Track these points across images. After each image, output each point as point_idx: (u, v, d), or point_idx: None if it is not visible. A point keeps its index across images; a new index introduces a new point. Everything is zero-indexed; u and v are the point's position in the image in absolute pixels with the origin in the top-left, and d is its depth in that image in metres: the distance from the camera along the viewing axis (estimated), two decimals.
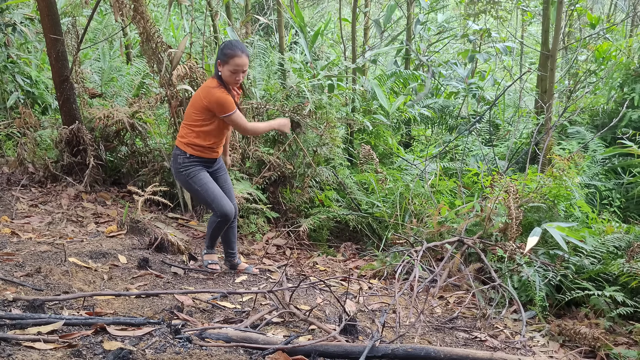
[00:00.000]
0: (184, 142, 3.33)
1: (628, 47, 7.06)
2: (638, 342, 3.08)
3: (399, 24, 9.85)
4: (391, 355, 2.36)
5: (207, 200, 3.36)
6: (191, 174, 3.32)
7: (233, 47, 3.20)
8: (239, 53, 3.18)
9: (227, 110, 3.22)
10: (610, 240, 3.71)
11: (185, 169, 3.33)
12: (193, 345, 2.25)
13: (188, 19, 8.32)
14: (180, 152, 3.33)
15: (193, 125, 3.30)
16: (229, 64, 3.19)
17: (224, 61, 3.20)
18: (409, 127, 7.54)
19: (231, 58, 3.18)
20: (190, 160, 3.32)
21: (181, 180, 3.42)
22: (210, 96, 3.20)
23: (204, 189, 3.33)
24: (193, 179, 3.33)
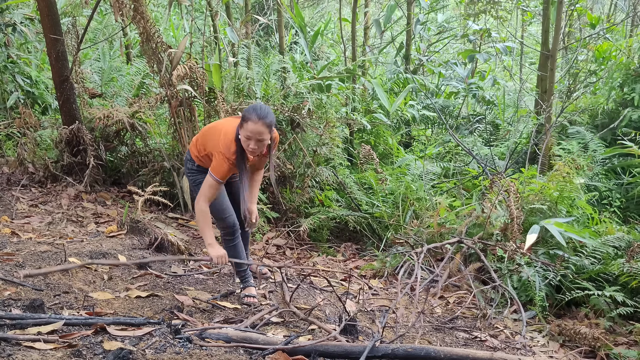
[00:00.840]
0: (194, 154, 3.14)
1: (628, 47, 7.06)
2: (638, 342, 3.08)
3: (399, 24, 9.85)
4: (391, 355, 2.36)
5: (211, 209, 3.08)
6: (197, 181, 3.14)
7: (251, 110, 2.82)
8: (254, 118, 2.77)
9: (215, 173, 2.91)
10: (610, 240, 3.71)
11: (192, 175, 3.19)
12: (193, 345, 2.25)
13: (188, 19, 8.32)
14: (190, 159, 3.17)
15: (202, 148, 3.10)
16: (243, 129, 2.82)
17: (241, 125, 2.84)
18: (409, 127, 7.54)
19: (246, 122, 2.80)
20: (197, 169, 3.16)
21: (190, 183, 3.29)
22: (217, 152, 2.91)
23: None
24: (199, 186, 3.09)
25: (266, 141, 2.86)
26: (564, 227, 3.55)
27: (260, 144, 2.84)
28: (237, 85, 5.34)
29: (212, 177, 2.91)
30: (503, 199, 4.03)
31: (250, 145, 2.82)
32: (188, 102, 4.80)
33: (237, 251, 3.27)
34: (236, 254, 3.25)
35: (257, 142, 2.82)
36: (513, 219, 3.79)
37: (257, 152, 2.89)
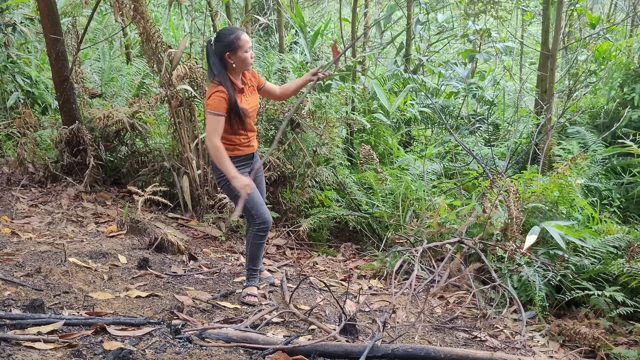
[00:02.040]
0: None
1: (628, 47, 7.06)
2: (638, 342, 3.08)
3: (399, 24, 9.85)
4: (391, 355, 2.36)
5: (247, 207, 3.06)
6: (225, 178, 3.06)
7: (231, 30, 3.01)
8: (238, 32, 2.97)
9: (215, 109, 2.94)
10: (610, 240, 3.71)
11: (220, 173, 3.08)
12: (193, 345, 2.25)
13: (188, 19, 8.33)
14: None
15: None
16: (239, 47, 2.96)
17: (233, 47, 2.95)
18: (409, 127, 7.54)
19: (238, 40, 2.95)
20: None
21: (222, 186, 3.16)
22: (210, 92, 2.98)
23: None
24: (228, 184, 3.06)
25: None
26: (564, 230, 3.56)
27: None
28: None
29: (214, 114, 2.94)
30: (503, 199, 4.03)
31: (251, 54, 3.03)
32: (188, 102, 4.80)
33: (261, 250, 3.29)
34: (259, 253, 3.27)
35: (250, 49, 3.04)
36: (513, 219, 3.79)
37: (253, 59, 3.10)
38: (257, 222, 3.16)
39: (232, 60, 2.99)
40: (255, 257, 3.27)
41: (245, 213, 3.14)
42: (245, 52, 2.99)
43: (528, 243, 3.52)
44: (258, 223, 3.16)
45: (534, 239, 3.53)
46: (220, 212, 4.76)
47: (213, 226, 4.70)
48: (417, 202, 4.92)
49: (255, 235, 3.20)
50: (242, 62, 3.01)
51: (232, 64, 3.00)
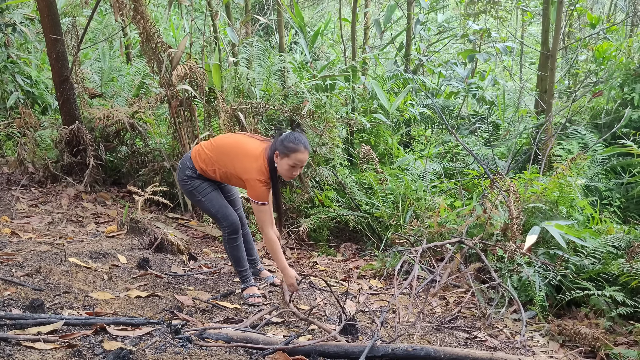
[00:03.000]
0: (199, 161, 3.14)
1: (628, 47, 7.06)
2: (638, 342, 3.08)
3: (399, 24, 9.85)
4: (391, 355, 2.36)
5: (212, 211, 3.19)
6: (195, 185, 3.18)
7: (297, 141, 2.95)
8: (302, 149, 2.94)
9: (261, 199, 3.00)
10: (610, 240, 3.71)
11: (190, 180, 3.17)
12: (193, 345, 2.25)
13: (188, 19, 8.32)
14: (191, 167, 3.15)
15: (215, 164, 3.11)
16: (289, 158, 2.94)
17: (285, 154, 2.94)
18: (409, 127, 7.54)
19: (293, 152, 2.93)
20: (197, 177, 3.16)
21: (185, 191, 3.26)
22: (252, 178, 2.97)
23: (208, 198, 3.18)
24: (197, 189, 3.18)
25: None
26: (565, 229, 3.56)
27: (301, 170, 3.04)
28: (237, 85, 5.34)
29: (260, 204, 3.00)
30: (503, 199, 4.03)
31: (294, 173, 3.00)
32: (188, 102, 4.80)
33: (241, 251, 3.30)
34: (239, 254, 3.29)
35: (300, 169, 3.01)
36: (513, 219, 3.79)
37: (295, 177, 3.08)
38: (224, 225, 3.20)
39: (276, 161, 2.99)
40: (237, 259, 3.29)
41: (211, 217, 3.19)
42: (291, 167, 2.96)
43: (528, 243, 3.52)
44: (225, 226, 3.20)
45: (534, 239, 3.53)
46: None
47: (213, 226, 4.70)
48: (417, 202, 4.92)
49: (228, 239, 3.24)
50: (281, 169, 2.99)
51: (275, 164, 3.00)
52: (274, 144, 3.02)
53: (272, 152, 3.01)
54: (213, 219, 3.22)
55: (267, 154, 3.02)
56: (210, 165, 3.13)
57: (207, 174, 3.16)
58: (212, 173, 3.15)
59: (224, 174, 3.14)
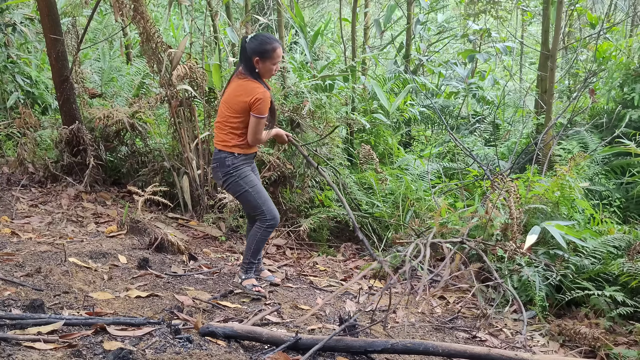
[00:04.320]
0: (229, 145, 3.20)
1: (628, 47, 7.06)
2: (638, 342, 3.08)
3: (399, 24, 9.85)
4: (390, 350, 2.37)
5: (258, 202, 3.23)
6: (242, 174, 3.21)
7: (271, 40, 3.13)
8: (276, 44, 3.13)
9: (260, 113, 3.12)
10: (610, 240, 3.71)
11: (235, 170, 3.20)
12: (193, 345, 2.25)
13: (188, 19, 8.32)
14: (228, 154, 3.20)
15: (234, 128, 3.19)
16: (271, 58, 3.12)
17: (266, 57, 3.10)
18: (409, 127, 7.54)
19: (273, 52, 3.11)
20: (239, 160, 3.21)
21: (231, 183, 3.25)
22: (256, 96, 3.10)
23: (256, 190, 3.23)
24: (244, 180, 3.21)
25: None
26: (565, 230, 3.56)
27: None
28: None
29: (260, 117, 3.14)
30: (504, 199, 4.03)
31: (275, 69, 3.20)
32: (188, 102, 4.80)
33: (264, 244, 3.42)
34: (262, 247, 3.42)
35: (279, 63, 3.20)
36: (513, 219, 3.79)
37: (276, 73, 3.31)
38: (268, 217, 3.26)
39: (259, 66, 3.14)
40: (258, 251, 3.40)
41: (255, 210, 3.27)
42: (272, 65, 3.15)
43: (528, 243, 3.52)
44: (268, 219, 3.27)
45: (534, 239, 3.53)
46: (220, 212, 4.76)
47: (213, 226, 4.70)
48: (418, 202, 4.92)
49: (265, 231, 3.30)
50: (267, 72, 3.17)
51: (256, 69, 3.14)
52: (245, 55, 3.14)
53: (250, 66, 3.14)
54: (254, 211, 3.26)
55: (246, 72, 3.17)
56: (233, 138, 3.19)
57: (240, 147, 3.21)
58: (242, 141, 3.21)
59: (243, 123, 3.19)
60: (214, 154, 3.29)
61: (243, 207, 3.59)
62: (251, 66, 3.14)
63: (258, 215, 3.28)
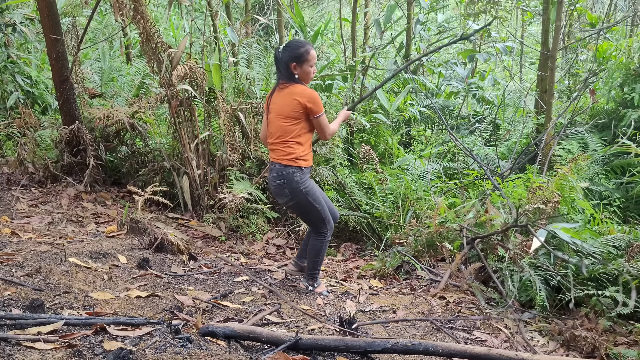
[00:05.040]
0: (293, 157, 3.17)
1: (628, 47, 7.06)
2: (638, 342, 3.08)
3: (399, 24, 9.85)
4: (390, 349, 2.37)
5: (322, 216, 3.26)
6: (309, 191, 3.21)
7: (303, 43, 3.19)
8: (308, 46, 3.19)
9: (320, 110, 3.17)
10: (610, 240, 3.71)
11: (304, 186, 3.19)
12: (193, 345, 2.25)
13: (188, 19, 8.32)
14: (296, 169, 3.17)
15: (295, 137, 3.17)
16: (307, 61, 3.17)
17: (302, 60, 3.15)
18: (409, 127, 7.54)
19: (307, 54, 3.16)
20: (305, 173, 3.21)
21: (299, 199, 3.22)
22: (308, 95, 3.12)
23: (321, 205, 3.25)
24: (312, 196, 3.21)
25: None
26: (570, 233, 3.56)
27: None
28: (237, 85, 5.34)
29: (320, 115, 3.18)
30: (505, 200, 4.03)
31: (314, 70, 3.24)
32: (188, 102, 4.80)
33: (325, 251, 3.47)
34: (324, 254, 3.45)
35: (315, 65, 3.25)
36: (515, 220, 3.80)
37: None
38: (328, 228, 3.36)
39: (297, 71, 3.17)
40: (322, 259, 3.49)
41: (317, 223, 3.33)
42: (310, 67, 3.19)
43: (534, 246, 3.53)
44: (328, 229, 3.36)
45: (539, 242, 3.53)
46: (220, 212, 4.77)
47: (213, 226, 4.70)
48: (418, 202, 4.92)
49: (326, 242, 3.39)
50: (305, 75, 3.20)
51: (295, 75, 3.18)
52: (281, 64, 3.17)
53: (289, 73, 3.17)
54: (316, 224, 3.32)
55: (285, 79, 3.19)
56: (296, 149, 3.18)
57: (304, 158, 3.20)
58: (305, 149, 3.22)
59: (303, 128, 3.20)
60: (277, 170, 3.22)
61: (301, 218, 3.60)
62: (290, 73, 3.18)
63: (317, 228, 3.33)
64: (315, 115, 3.16)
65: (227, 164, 4.77)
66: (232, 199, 4.31)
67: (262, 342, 2.43)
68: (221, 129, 4.75)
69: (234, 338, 2.42)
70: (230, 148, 4.75)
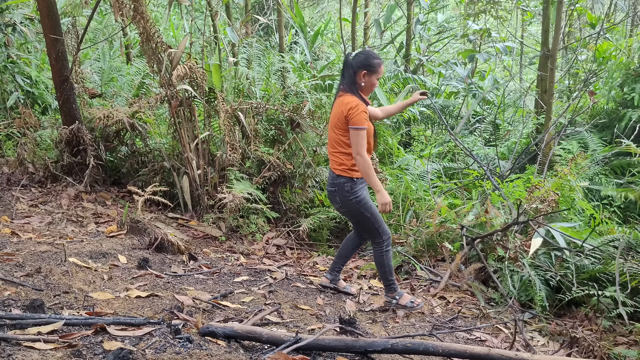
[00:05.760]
0: (346, 168, 3.18)
1: (628, 47, 7.06)
2: (638, 342, 3.08)
3: (399, 24, 9.85)
4: (390, 349, 2.37)
5: (375, 226, 3.24)
6: (361, 200, 3.20)
7: (376, 55, 3.21)
8: (381, 61, 3.23)
9: (358, 123, 3.07)
10: (610, 240, 3.71)
11: (354, 196, 3.19)
12: (193, 345, 2.25)
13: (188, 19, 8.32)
14: (347, 179, 3.18)
15: (344, 147, 3.17)
16: (377, 73, 3.19)
17: (372, 71, 3.16)
18: (409, 127, 7.54)
19: (379, 66, 3.19)
20: (357, 184, 3.19)
21: (350, 208, 3.25)
22: (351, 104, 3.09)
23: (373, 214, 3.23)
24: (364, 206, 3.21)
25: None
26: (569, 232, 3.56)
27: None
28: (237, 85, 5.34)
29: (359, 129, 3.08)
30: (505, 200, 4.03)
31: (376, 85, 3.25)
32: (188, 102, 4.80)
33: (391, 260, 3.38)
34: (392, 263, 3.38)
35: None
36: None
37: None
38: (384, 238, 3.29)
39: (364, 80, 3.17)
40: (392, 268, 3.38)
41: (371, 232, 3.29)
42: (376, 79, 3.21)
43: (533, 247, 3.53)
44: (385, 239, 3.29)
45: (539, 242, 3.54)
46: (220, 212, 4.77)
47: (213, 226, 4.70)
48: (417, 202, 4.92)
49: (387, 252, 3.31)
50: (370, 86, 3.21)
51: (362, 84, 3.17)
52: (350, 70, 3.16)
53: (352, 80, 3.16)
54: (370, 233, 3.29)
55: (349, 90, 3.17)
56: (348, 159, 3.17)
57: (355, 167, 3.17)
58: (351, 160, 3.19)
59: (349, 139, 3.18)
60: (331, 178, 3.28)
61: (356, 227, 3.58)
62: (354, 81, 3.17)
63: (373, 237, 3.31)
64: (351, 125, 3.09)
65: (227, 164, 4.77)
66: (232, 199, 4.31)
67: (262, 342, 2.43)
68: (221, 129, 4.75)
69: (234, 338, 2.42)
70: (230, 148, 4.75)
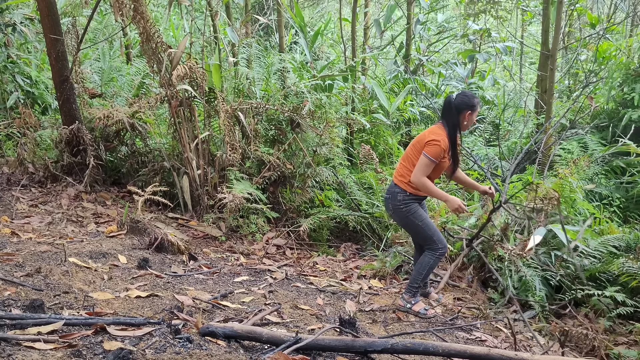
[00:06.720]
0: (404, 181, 3.35)
1: (628, 47, 7.06)
2: (638, 341, 3.08)
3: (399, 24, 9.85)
4: (390, 350, 2.37)
5: (428, 234, 3.35)
6: (411, 211, 3.35)
7: (475, 95, 3.38)
8: (477, 101, 3.37)
9: (430, 152, 3.22)
10: (610, 240, 3.71)
11: (405, 206, 3.35)
12: (193, 345, 2.25)
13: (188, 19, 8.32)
14: (401, 190, 3.35)
15: (413, 166, 3.31)
16: (476, 112, 3.35)
17: (474, 109, 3.33)
18: (409, 127, 7.54)
19: (479, 105, 3.37)
20: (410, 198, 3.35)
21: (400, 216, 3.42)
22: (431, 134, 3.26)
23: (425, 223, 3.36)
24: (414, 215, 3.35)
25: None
26: (570, 234, 3.56)
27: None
28: (237, 85, 5.34)
29: (430, 159, 3.23)
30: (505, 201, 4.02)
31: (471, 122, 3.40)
32: (188, 102, 4.80)
33: (433, 270, 3.50)
34: (431, 271, 3.46)
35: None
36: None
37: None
38: (440, 246, 3.37)
39: (467, 119, 3.33)
40: (427, 276, 3.48)
41: (425, 240, 3.39)
42: (475, 118, 3.39)
43: (531, 243, 3.53)
44: (440, 247, 3.38)
45: (538, 239, 3.54)
46: (220, 212, 4.77)
47: (213, 226, 4.70)
48: None
49: (436, 259, 3.41)
50: (470, 123, 3.38)
51: (465, 122, 3.34)
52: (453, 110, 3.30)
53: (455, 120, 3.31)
54: (425, 241, 3.40)
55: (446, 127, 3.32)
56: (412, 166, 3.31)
57: (411, 184, 3.31)
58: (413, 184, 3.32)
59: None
60: (390, 186, 3.46)
61: (412, 236, 3.70)
62: (456, 119, 3.30)
63: (428, 245, 3.40)
64: (425, 152, 3.24)
65: (227, 164, 4.77)
66: (232, 199, 4.31)
67: (262, 342, 2.43)
68: (221, 129, 4.75)
69: (234, 338, 2.42)
70: (230, 148, 4.75)
